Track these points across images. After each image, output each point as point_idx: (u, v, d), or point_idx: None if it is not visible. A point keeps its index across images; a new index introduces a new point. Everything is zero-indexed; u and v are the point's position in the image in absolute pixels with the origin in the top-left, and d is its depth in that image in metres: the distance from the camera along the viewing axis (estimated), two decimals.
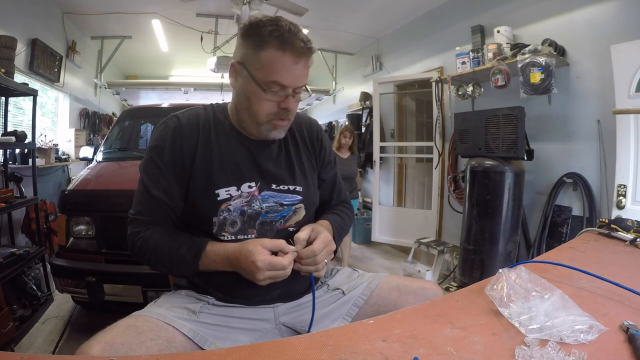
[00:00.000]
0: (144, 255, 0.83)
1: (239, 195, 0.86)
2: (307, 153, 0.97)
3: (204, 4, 3.89)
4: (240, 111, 0.86)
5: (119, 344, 0.64)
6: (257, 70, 0.78)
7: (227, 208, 0.85)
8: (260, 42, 0.77)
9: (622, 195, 2.07)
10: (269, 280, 0.76)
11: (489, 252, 2.56)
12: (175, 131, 0.85)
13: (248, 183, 0.86)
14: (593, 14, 2.39)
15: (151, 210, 0.85)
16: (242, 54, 0.80)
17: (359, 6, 3.95)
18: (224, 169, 0.85)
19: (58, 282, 2.09)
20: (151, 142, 0.87)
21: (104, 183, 2.27)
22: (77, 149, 3.96)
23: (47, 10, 3.77)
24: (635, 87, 1.97)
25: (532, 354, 0.51)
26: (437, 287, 0.98)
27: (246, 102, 0.82)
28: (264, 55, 0.76)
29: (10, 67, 2.54)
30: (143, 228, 0.83)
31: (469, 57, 3.06)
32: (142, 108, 3.89)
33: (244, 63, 0.80)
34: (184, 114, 0.88)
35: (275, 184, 0.89)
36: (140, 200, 0.86)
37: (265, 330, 0.85)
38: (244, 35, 0.80)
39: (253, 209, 0.87)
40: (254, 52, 0.78)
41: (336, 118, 6.12)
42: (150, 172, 0.85)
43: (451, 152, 3.48)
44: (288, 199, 0.90)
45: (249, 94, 0.81)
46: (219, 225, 0.85)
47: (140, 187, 0.86)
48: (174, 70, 6.89)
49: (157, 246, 0.81)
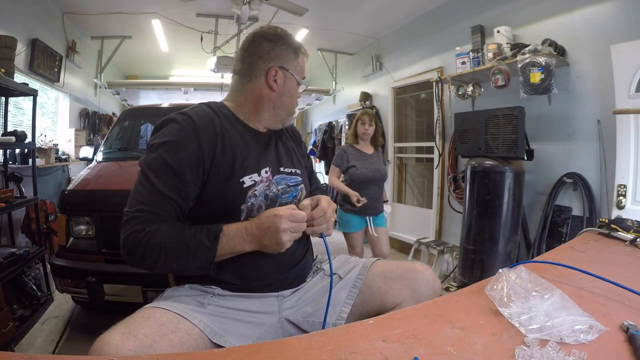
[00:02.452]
0: (151, 252, 0.77)
1: (260, 180, 0.91)
2: (293, 143, 1.09)
3: (204, 4, 3.89)
4: (270, 108, 0.96)
5: (143, 335, 0.65)
6: (297, 71, 0.97)
7: (254, 194, 0.90)
8: (297, 51, 0.98)
9: (622, 195, 2.07)
10: (289, 235, 0.79)
11: (489, 252, 2.56)
12: (189, 130, 0.84)
13: (264, 168, 0.93)
14: (593, 14, 2.39)
15: (159, 207, 0.81)
16: (281, 60, 0.95)
17: (359, 6, 3.95)
18: (244, 158, 0.90)
19: (58, 282, 2.09)
20: (159, 138, 0.84)
21: (104, 183, 2.27)
22: (77, 149, 3.95)
23: (47, 10, 3.77)
24: (635, 87, 1.97)
25: (532, 354, 0.51)
26: (426, 268, 0.97)
27: (289, 99, 0.98)
28: (300, 60, 0.98)
29: (10, 67, 2.54)
30: (147, 225, 0.78)
31: (469, 57, 3.06)
32: (142, 108, 3.89)
33: (287, 67, 0.95)
34: (193, 111, 0.89)
35: (282, 167, 0.98)
36: (146, 198, 0.81)
37: (269, 325, 0.86)
38: (282, 44, 0.95)
39: (272, 192, 0.93)
40: (294, 58, 0.96)
41: (336, 118, 6.12)
42: (158, 168, 0.82)
43: (451, 152, 3.48)
44: (293, 180, 0.99)
45: (293, 91, 0.98)
46: (247, 211, 0.89)
47: (143, 183, 0.82)
48: (174, 70, 6.89)
49: (168, 238, 0.77)
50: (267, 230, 0.79)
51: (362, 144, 2.64)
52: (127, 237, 0.79)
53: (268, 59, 0.94)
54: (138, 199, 0.81)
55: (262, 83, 0.94)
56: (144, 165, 0.83)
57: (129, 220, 0.80)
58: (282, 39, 0.95)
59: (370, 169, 2.55)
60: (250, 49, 0.95)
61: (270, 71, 0.93)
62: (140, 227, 0.78)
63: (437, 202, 3.77)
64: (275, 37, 0.95)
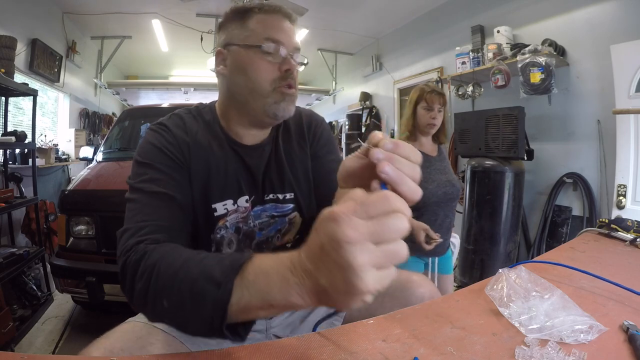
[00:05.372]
0: (140, 276, 0.53)
1: (234, 210, 0.76)
2: (300, 147, 0.85)
3: (204, 4, 3.89)
4: (231, 100, 0.77)
5: (119, 350, 0.64)
6: (247, 38, 0.73)
7: (225, 225, 0.76)
8: (244, 15, 0.74)
9: (622, 195, 2.07)
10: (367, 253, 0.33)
11: (489, 252, 2.56)
12: (167, 139, 0.73)
13: (245, 196, 0.77)
14: (593, 14, 2.39)
15: (158, 214, 0.63)
16: (226, 37, 0.76)
17: (358, 6, 3.95)
18: (219, 179, 0.75)
19: (58, 282, 2.09)
20: (139, 155, 0.72)
21: (104, 183, 2.27)
22: (77, 149, 3.96)
23: (47, 10, 3.77)
24: (635, 87, 1.97)
25: (532, 354, 0.51)
26: (423, 282, 0.82)
27: (244, 77, 0.73)
28: (251, 22, 0.73)
29: (10, 67, 2.54)
30: (147, 238, 0.58)
31: (469, 57, 3.06)
32: (142, 108, 3.88)
33: (230, 41, 0.75)
34: (169, 120, 0.77)
35: (266, 194, 0.80)
36: (142, 207, 0.64)
37: (255, 341, 0.82)
38: (226, 21, 0.77)
39: (249, 226, 0.78)
40: (239, 26, 0.74)
41: (336, 118, 6.12)
42: (147, 179, 0.67)
43: (451, 152, 3.48)
44: (278, 209, 0.81)
45: (245, 64, 0.73)
46: (216, 244, 0.76)
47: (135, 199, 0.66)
48: (174, 70, 6.89)
49: (165, 258, 0.52)
50: (322, 253, 0.35)
51: (422, 140, 1.66)
52: (120, 255, 0.58)
53: (219, 44, 0.79)
54: (131, 216, 0.64)
55: (218, 74, 0.79)
56: (130, 190, 0.69)
57: (123, 232, 0.61)
58: (227, 16, 0.77)
59: (440, 182, 1.60)
60: None
61: (216, 57, 0.78)
62: (135, 240, 0.58)
63: None
64: (224, 16, 0.78)
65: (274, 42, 0.72)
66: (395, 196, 0.35)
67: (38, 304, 2.17)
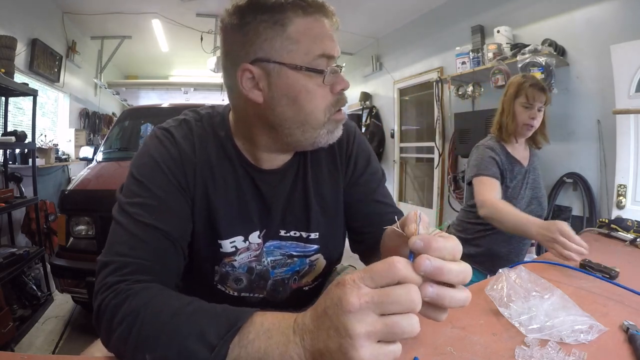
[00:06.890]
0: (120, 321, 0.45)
1: (246, 248, 0.66)
2: (331, 175, 0.71)
3: (204, 4, 3.89)
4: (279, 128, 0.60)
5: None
6: (294, 55, 0.55)
7: (231, 263, 0.66)
8: (280, 15, 0.55)
9: (622, 195, 2.07)
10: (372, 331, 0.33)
11: None
12: (171, 153, 0.61)
13: (257, 232, 0.66)
14: (593, 14, 2.39)
15: (145, 251, 0.54)
16: (255, 47, 0.56)
17: (358, 6, 3.95)
18: (227, 211, 0.64)
19: (58, 282, 2.09)
20: (135, 168, 0.61)
21: (104, 183, 2.27)
22: (77, 149, 3.96)
23: (47, 10, 3.77)
24: (635, 87, 1.97)
25: (532, 354, 0.51)
26: None
27: (293, 107, 0.58)
28: (292, 29, 0.55)
29: (10, 67, 2.54)
30: (130, 279, 0.50)
31: (469, 57, 3.06)
32: (142, 108, 3.89)
33: (268, 57, 0.56)
34: (177, 129, 0.64)
35: (287, 231, 0.68)
36: (127, 239, 0.55)
37: None
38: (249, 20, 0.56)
39: (262, 265, 0.68)
40: (279, 33, 0.55)
41: None
42: (139, 203, 0.57)
43: (451, 152, 3.48)
44: (299, 249, 0.69)
45: (296, 91, 0.57)
46: (221, 277, 0.68)
47: (123, 224, 0.57)
48: (174, 70, 6.89)
49: (149, 306, 0.46)
50: (325, 317, 0.36)
51: (514, 143, 1.44)
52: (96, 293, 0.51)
53: (235, 54, 0.59)
54: (114, 243, 0.56)
55: (241, 95, 0.60)
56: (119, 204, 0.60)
57: (102, 266, 0.53)
58: (246, 10, 0.56)
59: (530, 195, 1.42)
60: (223, 46, 0.63)
61: (241, 75, 0.58)
62: (117, 279, 0.50)
63: (437, 202, 3.77)
64: (240, 13, 0.57)
65: (327, 58, 0.57)
66: (403, 263, 0.34)
67: (38, 304, 2.17)
